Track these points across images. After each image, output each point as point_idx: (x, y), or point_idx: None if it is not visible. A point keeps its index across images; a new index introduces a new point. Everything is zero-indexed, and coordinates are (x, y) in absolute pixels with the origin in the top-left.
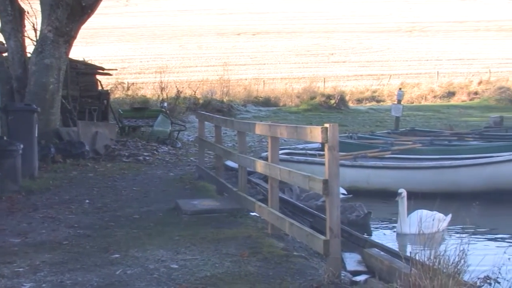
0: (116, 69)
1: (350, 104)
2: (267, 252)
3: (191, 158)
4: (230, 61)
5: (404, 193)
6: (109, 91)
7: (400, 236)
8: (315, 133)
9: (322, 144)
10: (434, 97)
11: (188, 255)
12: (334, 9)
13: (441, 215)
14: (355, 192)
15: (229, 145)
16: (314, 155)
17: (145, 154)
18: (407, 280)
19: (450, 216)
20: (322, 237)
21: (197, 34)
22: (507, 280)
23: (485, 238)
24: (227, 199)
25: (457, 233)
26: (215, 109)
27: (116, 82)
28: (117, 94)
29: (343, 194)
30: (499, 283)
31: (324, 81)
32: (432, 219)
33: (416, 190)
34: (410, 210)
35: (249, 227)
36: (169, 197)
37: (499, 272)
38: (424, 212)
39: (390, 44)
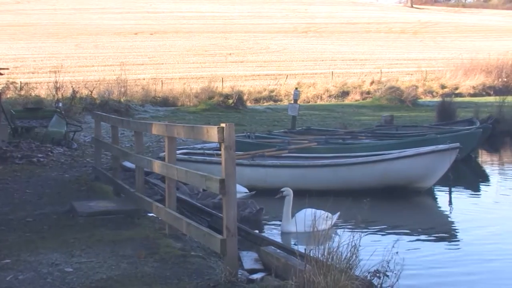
0: (7, 68)
1: (248, 104)
2: (165, 252)
3: (88, 159)
4: (127, 60)
5: (288, 192)
6: (0, 91)
7: (284, 234)
8: (212, 133)
9: (219, 143)
10: (329, 96)
11: (83, 258)
12: (231, 9)
13: (326, 214)
14: (253, 191)
15: (127, 145)
16: (212, 155)
17: (39, 155)
18: (302, 277)
19: (337, 214)
20: (219, 236)
21: (93, 33)
22: (395, 273)
23: (375, 233)
24: (124, 200)
25: (349, 229)
26: (112, 109)
27: (8, 82)
28: (9, 94)
29: (245, 192)
30: (387, 276)
31: (222, 81)
32: (318, 218)
33: (313, 187)
34: (299, 209)
35: (147, 228)
36: (64, 199)
37: (388, 266)
38: (309, 211)
39: (286, 45)
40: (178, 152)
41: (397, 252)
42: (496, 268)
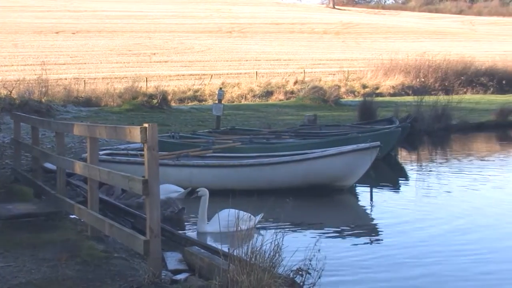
0: None
1: (173, 104)
2: (87, 254)
3: (7, 161)
4: (48, 60)
5: (203, 192)
6: None
7: (202, 235)
8: (134, 133)
9: (142, 144)
10: (254, 96)
11: (1, 263)
12: (155, 9)
13: (247, 214)
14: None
15: (48, 146)
16: (136, 155)
17: None
18: (226, 277)
19: (260, 216)
20: (142, 237)
21: (12, 32)
22: (317, 271)
23: (298, 232)
24: (45, 202)
25: (273, 228)
26: (32, 110)
27: None
28: None
29: (178, 191)
30: (310, 274)
31: (147, 81)
32: (237, 218)
33: (237, 187)
34: (222, 209)
35: (68, 230)
36: None
37: (310, 264)
38: (227, 212)
39: (211, 45)
40: (101, 152)
41: (319, 250)
42: (416, 261)
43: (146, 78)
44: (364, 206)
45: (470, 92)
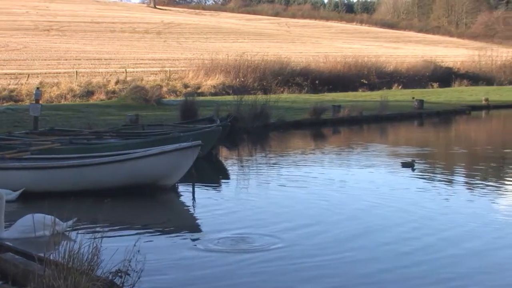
0: None
1: None
2: None
3: None
4: None
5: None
6: None
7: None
8: None
9: None
10: (74, 96)
11: None
12: None
13: (52, 219)
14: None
15: None
16: None
17: None
18: (42, 282)
19: (73, 220)
20: None
21: None
22: (137, 272)
23: (118, 233)
24: None
25: (91, 231)
26: None
27: None
28: None
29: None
30: (129, 275)
31: None
32: (41, 223)
33: (58, 189)
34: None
35: None
36: None
37: (130, 265)
38: (30, 217)
39: (27, 43)
40: None
41: (138, 251)
42: (238, 256)
43: None
44: (187, 205)
45: (287, 91)
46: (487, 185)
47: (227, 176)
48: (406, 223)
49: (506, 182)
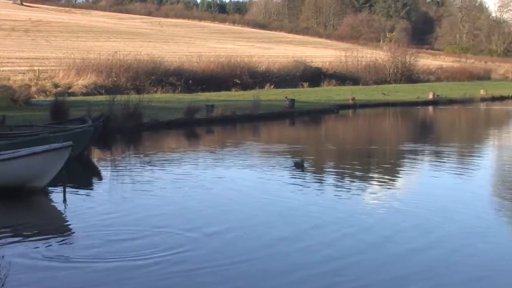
0: None
1: None
2: None
3: None
4: None
5: None
6: None
7: None
8: None
9: None
10: None
11: None
12: None
13: None
14: None
15: None
16: None
17: None
18: None
19: None
20: None
21: None
22: (0, 278)
23: None
24: None
25: None
26: None
27: None
28: None
29: None
30: None
31: None
32: None
33: None
34: None
35: None
36: None
37: None
38: None
39: None
40: None
41: (3, 257)
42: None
43: None
44: (57, 208)
45: (161, 91)
46: (353, 180)
47: (99, 178)
48: (269, 215)
49: (374, 176)
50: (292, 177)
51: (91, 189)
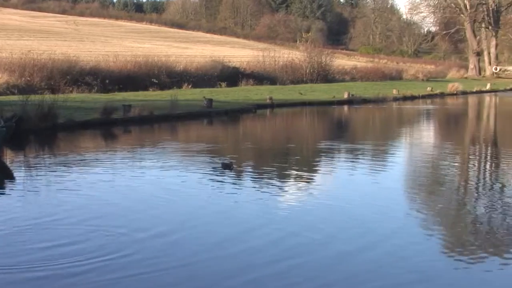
0: None
1: None
2: None
3: None
4: None
5: None
6: None
7: None
8: None
9: None
10: None
11: None
12: None
13: None
14: None
15: None
16: None
17: None
18: None
19: None
20: None
21: None
22: None
23: None
24: None
25: None
26: None
27: None
28: None
29: None
30: None
31: None
32: None
33: None
34: None
35: None
36: None
37: None
38: None
39: None
40: None
41: None
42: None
43: None
44: None
45: (76, 91)
46: (272, 177)
47: (12, 180)
48: (209, 215)
49: (291, 172)
50: (221, 176)
51: (3, 191)
